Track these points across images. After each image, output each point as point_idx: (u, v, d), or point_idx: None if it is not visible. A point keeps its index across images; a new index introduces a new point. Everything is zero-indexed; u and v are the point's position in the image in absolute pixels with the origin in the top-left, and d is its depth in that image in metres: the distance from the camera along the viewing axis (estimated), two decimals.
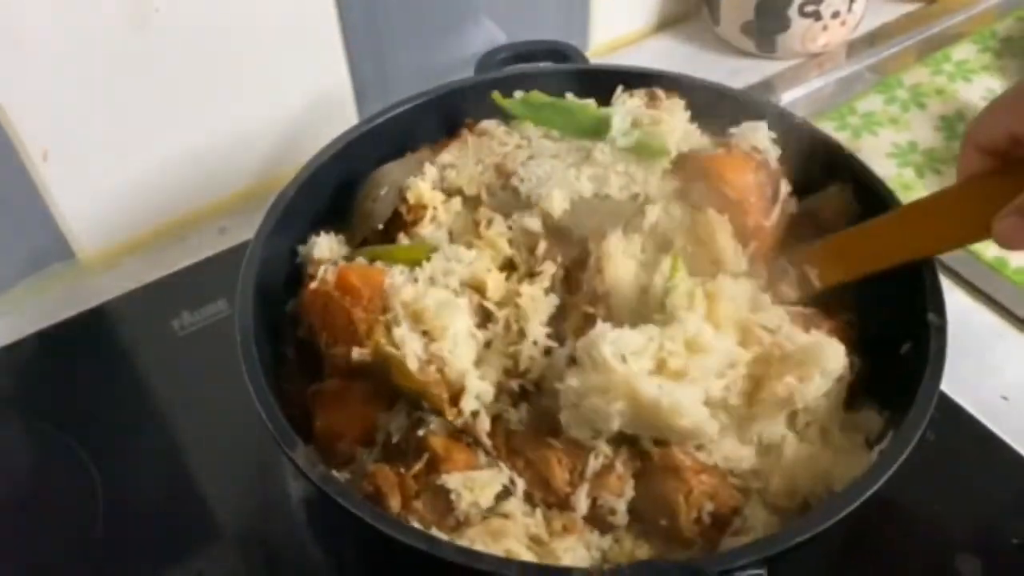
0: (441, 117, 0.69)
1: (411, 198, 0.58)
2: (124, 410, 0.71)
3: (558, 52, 0.74)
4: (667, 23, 1.06)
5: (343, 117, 0.89)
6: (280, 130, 0.86)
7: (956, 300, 0.76)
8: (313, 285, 0.55)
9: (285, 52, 0.82)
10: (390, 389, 0.52)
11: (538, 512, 0.49)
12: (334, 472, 0.50)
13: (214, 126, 0.82)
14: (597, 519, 0.50)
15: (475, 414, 0.51)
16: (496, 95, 0.65)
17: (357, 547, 0.62)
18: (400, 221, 0.60)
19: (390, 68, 0.89)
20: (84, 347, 0.76)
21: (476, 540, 0.46)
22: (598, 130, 0.62)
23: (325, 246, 0.60)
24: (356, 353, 0.51)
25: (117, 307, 0.79)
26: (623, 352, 0.47)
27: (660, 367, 0.48)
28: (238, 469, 0.68)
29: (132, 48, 0.73)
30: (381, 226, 0.60)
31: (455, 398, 0.50)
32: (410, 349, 0.50)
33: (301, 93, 0.85)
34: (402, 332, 0.51)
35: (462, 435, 0.50)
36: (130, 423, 0.70)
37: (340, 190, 0.66)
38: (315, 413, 0.54)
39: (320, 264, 0.57)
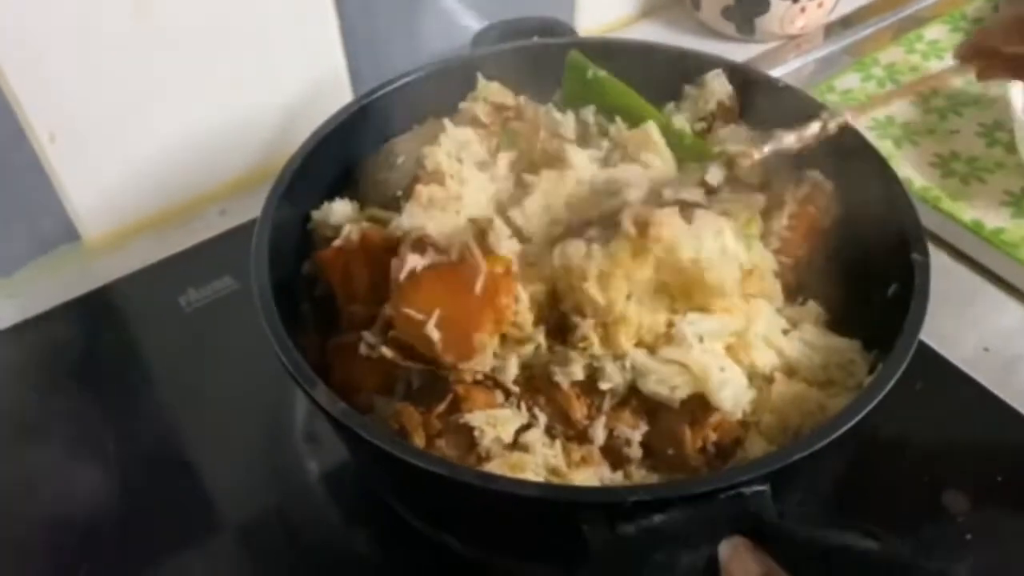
0: (441, 91, 0.71)
1: (429, 165, 0.60)
2: (134, 388, 0.73)
3: (548, 28, 0.77)
4: (650, 10, 1.10)
5: (339, 102, 0.90)
6: (277, 115, 0.88)
7: (938, 261, 0.79)
8: (338, 243, 0.57)
9: (282, 38, 0.84)
10: None
11: (557, 444, 0.52)
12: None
13: (213, 112, 0.85)
14: (612, 451, 0.52)
15: (499, 366, 0.53)
16: (576, 55, 0.68)
17: (378, 511, 0.62)
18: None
19: (385, 53, 0.92)
20: (92, 326, 0.78)
21: (496, 471, 0.48)
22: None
23: (340, 211, 0.62)
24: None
25: (124, 286, 0.80)
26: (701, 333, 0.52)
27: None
28: (247, 440, 0.69)
29: (135, 34, 0.75)
30: (400, 193, 0.62)
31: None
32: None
33: (298, 79, 0.88)
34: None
35: (485, 379, 0.52)
36: (142, 399, 0.72)
37: (343, 162, 0.68)
38: (333, 365, 0.56)
39: (337, 228, 0.60)
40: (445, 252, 0.52)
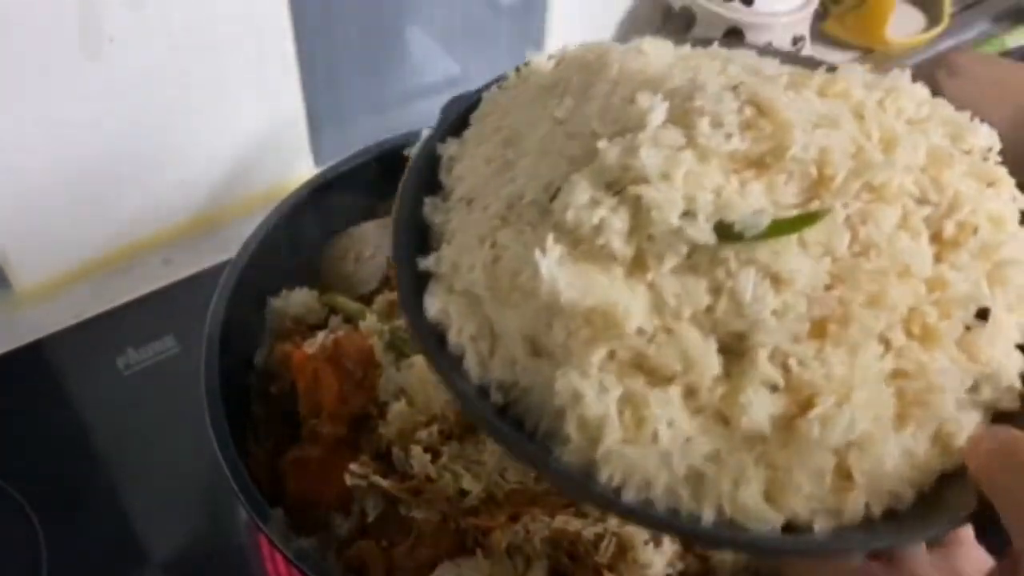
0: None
1: None
2: (66, 455, 0.69)
3: None
4: None
5: (293, 149, 0.87)
6: (229, 159, 0.84)
7: None
8: (310, 349, 0.54)
9: (237, 82, 0.80)
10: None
11: None
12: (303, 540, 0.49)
13: (160, 154, 0.80)
14: None
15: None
16: None
17: None
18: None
19: (345, 100, 0.88)
20: (21, 386, 0.73)
21: None
22: None
23: (300, 301, 0.59)
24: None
25: (56, 344, 0.75)
26: None
27: None
28: (189, 518, 0.66)
29: (80, 78, 0.70)
30: (370, 291, 0.59)
31: None
32: None
33: (252, 122, 0.84)
34: None
35: (448, 519, 0.49)
36: (73, 469, 0.68)
37: (299, 241, 0.65)
38: (290, 477, 0.53)
39: (297, 321, 0.56)
40: None
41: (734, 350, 0.36)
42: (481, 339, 0.38)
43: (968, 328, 0.37)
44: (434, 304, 0.39)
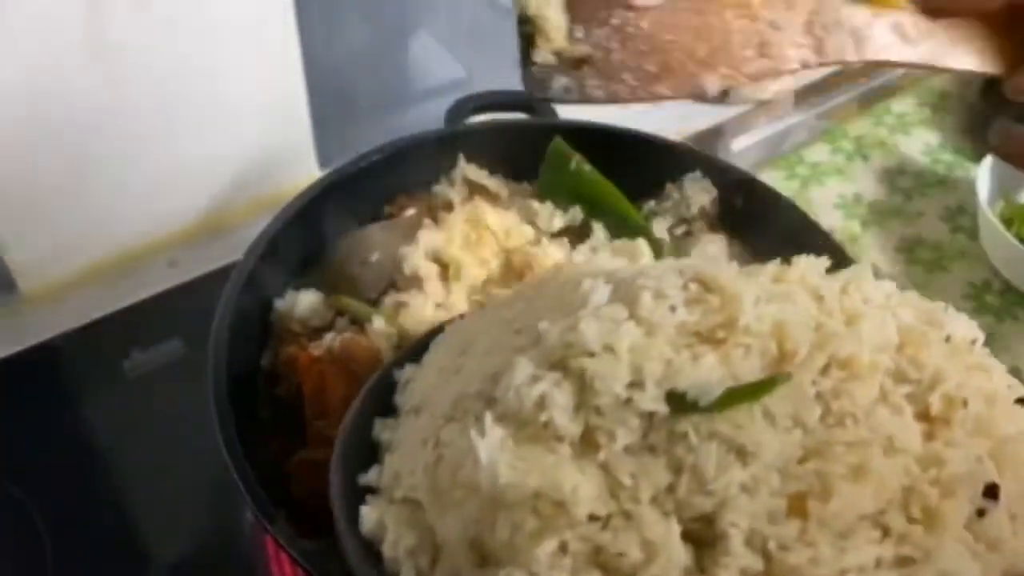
0: (412, 169, 0.68)
1: (407, 270, 0.57)
2: (72, 456, 0.69)
3: (526, 104, 0.74)
4: None
5: (298, 152, 0.87)
6: (233, 162, 0.84)
7: None
8: (317, 352, 0.54)
9: (241, 86, 0.80)
10: None
11: None
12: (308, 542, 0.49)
13: (165, 158, 0.80)
14: None
15: None
16: (560, 143, 0.65)
17: None
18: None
19: (349, 103, 0.88)
20: (27, 388, 0.73)
21: None
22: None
23: (307, 303, 0.59)
24: None
25: (62, 345, 0.75)
26: None
27: None
28: (193, 519, 0.67)
29: (84, 82, 0.70)
30: (375, 296, 0.59)
31: None
32: None
33: (256, 126, 0.84)
34: None
35: None
36: (78, 470, 0.68)
37: (307, 242, 0.65)
38: (296, 478, 0.53)
39: (303, 324, 0.57)
40: None
41: (704, 538, 0.32)
42: (421, 552, 0.36)
43: (981, 513, 0.34)
44: (371, 517, 0.37)
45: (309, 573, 0.47)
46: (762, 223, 0.64)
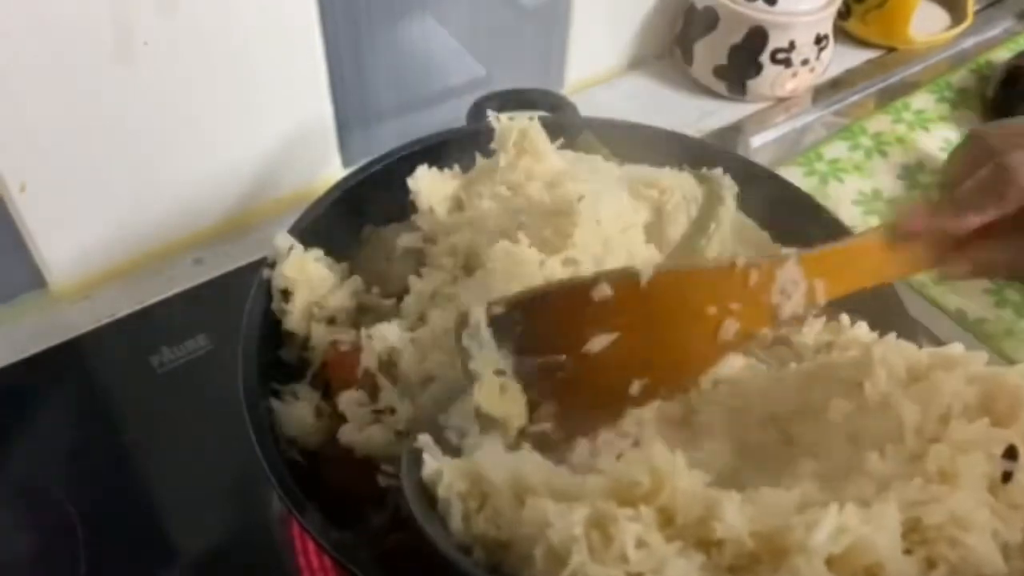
0: (438, 165, 0.69)
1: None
2: (101, 452, 0.70)
3: (548, 101, 0.75)
4: (640, 63, 1.08)
5: (322, 151, 0.88)
6: (258, 162, 0.85)
7: None
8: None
9: (267, 85, 0.81)
10: None
11: None
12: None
13: (192, 159, 0.81)
14: None
15: None
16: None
17: None
18: None
19: (372, 102, 0.89)
20: (56, 384, 0.74)
21: None
22: None
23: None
24: None
25: (91, 342, 0.77)
26: None
27: None
28: (220, 513, 0.67)
29: (113, 82, 0.72)
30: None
31: None
32: None
33: (281, 125, 0.85)
34: None
35: None
36: (108, 466, 0.69)
37: (332, 241, 0.66)
38: (325, 469, 0.54)
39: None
40: None
41: None
42: (471, 497, 0.40)
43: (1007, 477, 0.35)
44: (432, 465, 0.42)
45: (338, 563, 0.48)
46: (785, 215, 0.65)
